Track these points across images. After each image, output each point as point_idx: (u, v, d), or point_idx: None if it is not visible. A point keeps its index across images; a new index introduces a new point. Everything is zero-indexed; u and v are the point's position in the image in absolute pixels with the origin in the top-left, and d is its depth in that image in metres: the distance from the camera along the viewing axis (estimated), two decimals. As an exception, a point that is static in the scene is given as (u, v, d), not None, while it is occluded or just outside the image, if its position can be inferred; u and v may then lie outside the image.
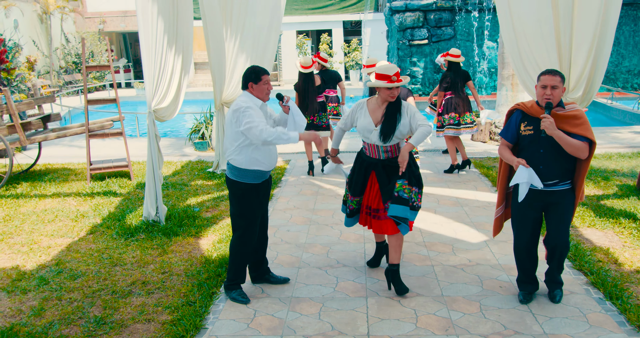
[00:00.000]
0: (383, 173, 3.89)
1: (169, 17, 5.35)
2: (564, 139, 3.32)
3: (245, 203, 3.82)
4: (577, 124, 3.37)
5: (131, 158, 8.79)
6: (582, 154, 3.37)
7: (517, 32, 7.03)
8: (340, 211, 5.90)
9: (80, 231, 5.52)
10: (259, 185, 3.85)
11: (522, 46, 7.09)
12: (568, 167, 3.49)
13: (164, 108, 5.44)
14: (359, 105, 3.99)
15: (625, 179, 6.82)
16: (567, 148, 3.35)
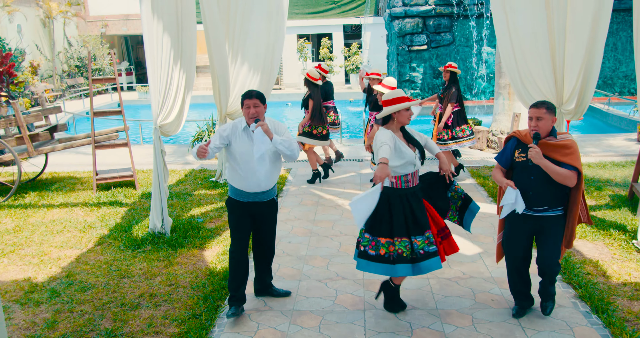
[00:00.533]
0: (430, 194, 3.92)
1: (174, 34, 5.54)
2: (550, 168, 3.47)
3: (230, 216, 4.06)
4: (567, 153, 3.51)
5: (135, 165, 8.99)
6: (569, 182, 3.50)
7: (513, 45, 7.22)
8: (339, 221, 6.09)
9: (89, 243, 5.71)
10: (244, 204, 3.95)
11: (518, 58, 7.27)
12: (558, 194, 3.62)
13: (168, 124, 5.63)
14: (392, 139, 3.68)
15: (617, 189, 7.00)
16: (554, 176, 3.49)
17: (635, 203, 6.28)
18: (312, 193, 7.33)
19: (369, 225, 3.77)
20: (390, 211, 3.77)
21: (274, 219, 4.19)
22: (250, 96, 3.81)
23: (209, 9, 6.62)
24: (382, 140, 3.66)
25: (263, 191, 3.94)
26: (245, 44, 7.19)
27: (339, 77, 22.17)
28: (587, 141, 10.12)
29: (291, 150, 3.80)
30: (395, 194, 3.77)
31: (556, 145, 3.56)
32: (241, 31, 7.16)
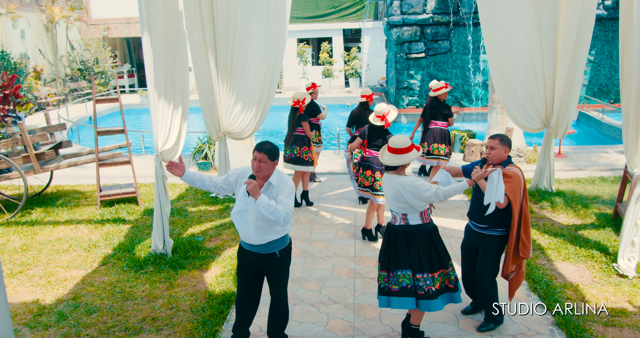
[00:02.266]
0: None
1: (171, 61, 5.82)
2: (482, 186, 4.04)
3: (237, 258, 4.07)
4: (506, 181, 3.98)
5: (138, 178, 9.25)
6: (497, 203, 3.94)
7: (504, 65, 7.44)
8: (333, 241, 6.34)
9: (93, 263, 5.97)
10: (245, 251, 3.91)
11: (510, 80, 7.50)
12: (497, 216, 4.06)
13: (168, 150, 5.88)
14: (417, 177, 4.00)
15: (604, 207, 7.23)
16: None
17: (619, 223, 6.51)
18: (307, 210, 7.58)
19: (382, 263, 4.06)
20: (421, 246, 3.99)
21: (279, 276, 3.95)
22: (260, 149, 3.68)
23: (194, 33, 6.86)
24: (424, 182, 3.90)
25: (254, 244, 3.82)
26: (245, 63, 7.40)
27: (339, 82, 22.39)
28: (579, 154, 10.34)
29: (275, 216, 3.53)
30: (425, 229, 4.01)
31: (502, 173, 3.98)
32: (239, 49, 7.34)
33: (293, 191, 3.78)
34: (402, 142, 4.01)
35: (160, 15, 5.71)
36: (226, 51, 7.38)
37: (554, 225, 6.69)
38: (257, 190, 3.52)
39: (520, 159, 9.72)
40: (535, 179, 7.96)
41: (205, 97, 7.39)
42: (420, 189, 3.85)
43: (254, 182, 3.54)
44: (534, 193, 7.77)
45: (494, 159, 4.05)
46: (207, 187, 3.96)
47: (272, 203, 3.56)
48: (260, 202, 3.52)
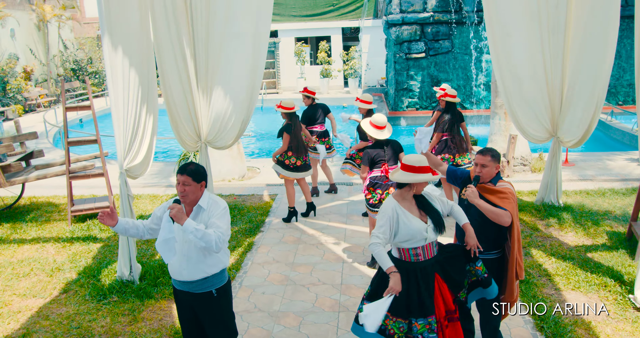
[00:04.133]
0: (447, 267, 3.58)
1: (141, 72, 5.22)
2: (483, 206, 3.65)
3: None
4: (502, 197, 3.72)
5: (114, 190, 8.70)
6: (503, 220, 3.64)
7: (510, 70, 6.86)
8: (319, 265, 5.77)
9: (54, 290, 5.42)
10: (178, 291, 3.51)
11: (513, 83, 6.92)
12: (492, 237, 3.78)
13: (136, 166, 5.32)
14: (393, 210, 3.45)
15: (616, 225, 6.64)
16: (488, 214, 3.65)
17: (634, 244, 5.93)
18: (294, 227, 7.01)
19: (371, 293, 3.57)
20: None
21: (218, 319, 3.51)
22: (182, 171, 3.33)
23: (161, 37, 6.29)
24: (382, 218, 3.44)
25: (187, 281, 3.39)
26: (227, 66, 6.82)
27: (337, 81, 21.79)
28: (587, 161, 9.74)
29: (206, 241, 3.15)
30: (402, 267, 3.46)
31: (493, 190, 3.76)
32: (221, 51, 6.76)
33: (226, 212, 3.40)
34: (417, 160, 3.54)
35: (127, 15, 5.13)
36: (207, 53, 6.81)
37: (561, 245, 6.11)
38: (181, 215, 3.18)
39: (524, 168, 9.12)
40: (541, 192, 7.36)
41: (180, 104, 6.80)
42: (378, 220, 3.48)
43: (178, 206, 3.21)
44: (540, 208, 7.18)
45: (486, 177, 3.80)
46: (142, 234, 3.54)
47: (202, 227, 3.19)
48: (187, 227, 3.16)
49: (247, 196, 8.38)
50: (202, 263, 3.37)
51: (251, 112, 7.01)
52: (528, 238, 6.34)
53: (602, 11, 6.09)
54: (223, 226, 3.29)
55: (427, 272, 3.47)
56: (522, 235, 6.41)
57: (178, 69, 6.70)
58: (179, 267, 3.38)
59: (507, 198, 3.70)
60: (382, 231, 3.38)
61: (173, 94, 6.76)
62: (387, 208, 3.46)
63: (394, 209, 3.45)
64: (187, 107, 6.93)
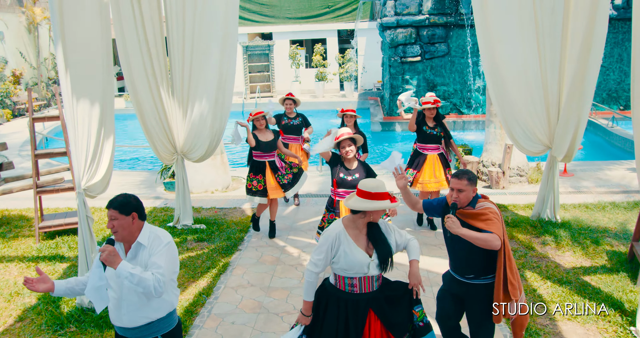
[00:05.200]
0: (385, 306, 3.25)
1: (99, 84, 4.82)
2: (468, 235, 3.30)
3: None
4: (483, 219, 3.41)
5: (94, 201, 8.30)
6: (493, 244, 3.30)
7: (503, 79, 6.46)
8: (295, 290, 5.37)
9: (9, 318, 5.02)
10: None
11: (507, 93, 6.52)
12: (483, 263, 3.50)
13: (96, 183, 4.92)
14: (336, 237, 3.16)
15: (616, 243, 6.22)
16: (476, 242, 3.31)
17: (635, 266, 5.52)
18: (275, 244, 6.60)
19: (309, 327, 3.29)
20: (324, 314, 3.23)
21: None
22: (109, 205, 2.98)
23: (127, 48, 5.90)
24: (323, 243, 3.16)
25: (128, 327, 3.02)
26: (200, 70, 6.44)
27: (333, 85, 21.39)
28: (586, 171, 9.32)
29: (144, 286, 2.79)
30: (334, 294, 3.22)
31: (473, 213, 3.47)
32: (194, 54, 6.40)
33: (169, 247, 2.99)
34: (374, 186, 3.20)
35: (84, 23, 4.73)
36: (183, 58, 6.44)
37: (558, 267, 5.70)
38: (113, 257, 2.80)
39: (521, 178, 8.71)
40: (537, 207, 6.95)
41: (152, 114, 6.42)
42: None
43: (109, 248, 2.81)
44: (536, 224, 6.77)
45: (463, 202, 3.48)
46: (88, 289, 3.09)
47: (137, 270, 2.79)
48: (120, 272, 2.77)
49: (228, 210, 7.98)
50: (146, 307, 2.98)
51: (224, 122, 6.64)
52: (522, 258, 5.93)
53: (589, 16, 5.69)
54: (164, 265, 2.89)
55: (359, 306, 3.17)
56: (516, 255, 6.00)
57: (148, 79, 6.36)
58: (118, 313, 2.99)
59: (490, 219, 3.39)
60: (319, 259, 3.17)
61: (144, 105, 6.40)
62: (331, 233, 3.18)
63: (338, 236, 3.15)
64: (159, 118, 6.57)
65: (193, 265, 6.03)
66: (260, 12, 21.15)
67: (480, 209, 3.47)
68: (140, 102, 6.38)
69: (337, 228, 3.19)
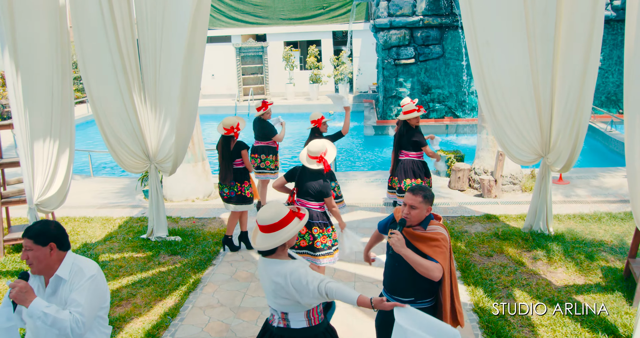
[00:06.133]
0: None
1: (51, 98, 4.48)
2: (411, 258, 3.06)
3: None
4: (432, 245, 3.16)
5: (69, 210, 7.98)
6: (433, 275, 3.07)
7: (492, 82, 6.12)
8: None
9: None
10: None
11: (498, 98, 6.18)
12: (424, 286, 3.24)
13: (51, 198, 4.58)
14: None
15: (612, 259, 5.87)
16: (416, 267, 3.08)
17: (631, 285, 5.17)
18: (250, 258, 6.26)
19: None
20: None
21: None
22: (24, 234, 2.69)
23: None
24: (310, 271, 2.89)
25: None
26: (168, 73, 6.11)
27: (328, 87, 21.05)
28: (582, 179, 8.97)
29: (59, 327, 2.49)
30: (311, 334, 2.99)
31: (422, 236, 3.20)
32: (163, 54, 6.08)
33: (93, 282, 2.65)
34: (272, 215, 2.81)
35: (35, 27, 4.39)
36: (155, 61, 6.11)
37: (549, 285, 5.34)
38: (24, 295, 2.49)
39: (514, 187, 8.36)
40: (529, 219, 6.60)
41: (121, 120, 6.08)
42: (302, 280, 2.73)
43: (21, 283, 2.50)
44: (527, 237, 6.42)
45: (414, 221, 3.21)
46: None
47: (52, 309, 2.47)
48: (32, 312, 2.45)
49: (207, 220, 7.64)
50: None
51: (192, 127, 6.32)
52: (512, 275, 5.58)
53: (586, 16, 5.33)
54: (84, 303, 2.56)
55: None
56: (506, 272, 5.65)
57: (118, 83, 6.02)
58: None
59: (438, 246, 3.15)
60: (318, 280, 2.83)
61: (112, 110, 6.06)
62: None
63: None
64: (130, 124, 6.24)
65: (162, 282, 5.69)
66: (254, 13, 20.83)
67: (431, 233, 3.21)
68: (106, 108, 6.05)
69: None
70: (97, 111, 5.80)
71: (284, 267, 2.78)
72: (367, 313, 4.89)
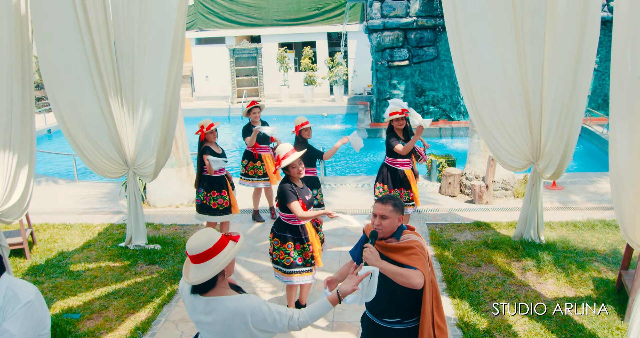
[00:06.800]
0: None
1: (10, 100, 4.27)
2: (387, 269, 2.90)
3: None
4: (407, 254, 3.01)
5: (47, 216, 7.78)
6: (414, 282, 2.89)
7: (478, 86, 5.92)
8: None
9: None
10: None
11: (485, 102, 5.98)
12: (408, 305, 3.06)
13: (11, 208, 4.36)
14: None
15: (605, 269, 5.65)
16: (395, 278, 2.90)
17: (624, 298, 4.95)
18: (239, 272, 6.04)
19: None
20: None
21: None
22: None
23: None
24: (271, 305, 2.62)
25: None
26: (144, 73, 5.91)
27: (323, 89, 20.85)
28: (576, 184, 8.76)
29: None
30: None
31: (397, 247, 3.04)
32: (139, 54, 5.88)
33: (29, 309, 2.42)
34: (202, 242, 2.50)
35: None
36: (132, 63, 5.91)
37: (538, 297, 5.13)
38: None
39: (506, 192, 8.15)
40: (520, 227, 6.39)
41: (98, 124, 5.88)
42: (267, 319, 2.47)
43: None
44: (517, 246, 6.20)
45: (386, 232, 3.04)
46: None
47: None
48: None
49: (189, 227, 7.42)
50: None
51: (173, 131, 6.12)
52: (500, 286, 5.36)
53: (580, 17, 5.12)
54: (17, 333, 2.34)
55: None
56: (494, 283, 5.44)
57: (94, 85, 5.82)
58: None
59: (416, 253, 2.98)
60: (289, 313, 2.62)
61: (86, 113, 5.85)
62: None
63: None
64: (107, 128, 6.04)
65: (137, 293, 5.48)
66: (248, 14, 20.63)
67: (404, 243, 3.05)
68: (80, 112, 5.85)
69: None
70: (62, 115, 5.57)
71: (239, 304, 2.47)
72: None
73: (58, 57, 5.45)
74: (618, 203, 3.54)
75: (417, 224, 7.11)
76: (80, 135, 5.75)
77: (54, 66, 5.46)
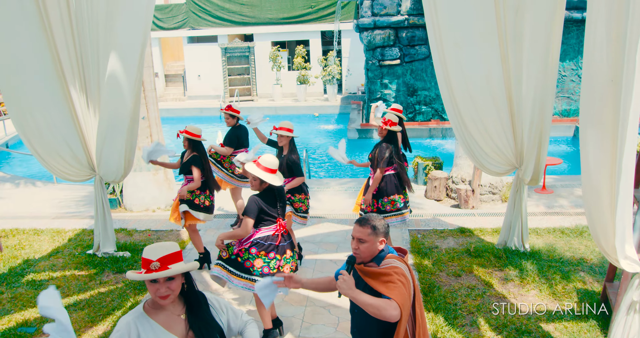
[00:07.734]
0: None
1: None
2: (359, 300, 2.63)
3: None
4: (384, 281, 2.75)
5: (21, 221, 7.53)
6: (387, 314, 2.60)
7: (460, 88, 5.66)
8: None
9: None
10: None
11: (467, 105, 5.72)
12: (387, 333, 2.78)
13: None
14: (127, 325, 2.33)
15: (590, 279, 5.39)
16: (367, 309, 2.64)
17: (609, 311, 4.68)
18: (201, 279, 5.78)
19: None
20: None
21: None
22: None
23: None
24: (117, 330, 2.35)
25: None
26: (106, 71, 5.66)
27: (316, 88, 20.57)
28: (566, 187, 8.49)
29: None
30: None
31: (375, 273, 2.79)
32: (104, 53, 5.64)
33: None
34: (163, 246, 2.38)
35: None
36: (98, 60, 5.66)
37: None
38: None
39: (493, 197, 7.88)
40: (503, 235, 6.13)
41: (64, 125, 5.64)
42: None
43: None
44: (500, 254, 5.94)
45: (365, 256, 2.80)
46: None
47: None
48: None
49: (164, 233, 7.17)
50: None
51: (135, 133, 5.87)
52: (479, 298, 5.10)
53: (545, 16, 4.90)
54: None
55: None
56: (473, 295, 5.17)
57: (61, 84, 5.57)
58: None
59: (393, 281, 2.71)
60: None
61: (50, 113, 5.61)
62: (121, 325, 2.35)
63: (129, 324, 2.33)
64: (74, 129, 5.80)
65: (99, 305, 5.22)
66: (240, 12, 20.34)
67: (383, 268, 2.78)
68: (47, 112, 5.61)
69: (133, 314, 2.38)
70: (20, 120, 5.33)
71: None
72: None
73: (13, 59, 5.21)
74: (591, 217, 3.29)
75: (399, 230, 6.85)
76: (37, 138, 5.50)
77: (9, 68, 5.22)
